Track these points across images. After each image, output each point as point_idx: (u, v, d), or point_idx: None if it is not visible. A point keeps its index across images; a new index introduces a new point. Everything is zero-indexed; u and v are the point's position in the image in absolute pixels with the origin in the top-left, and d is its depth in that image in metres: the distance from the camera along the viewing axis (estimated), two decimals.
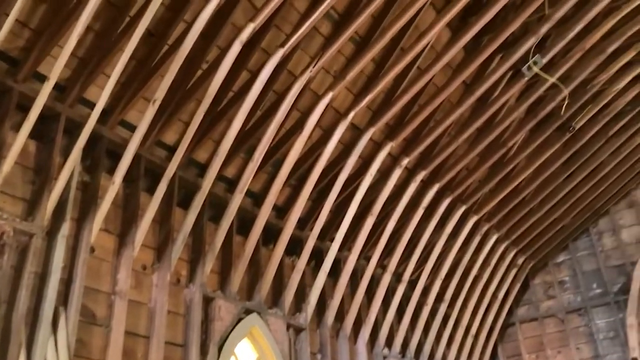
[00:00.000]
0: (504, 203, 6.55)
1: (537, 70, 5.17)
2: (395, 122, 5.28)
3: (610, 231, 7.42)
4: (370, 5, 4.04)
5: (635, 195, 7.39)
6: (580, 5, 5.03)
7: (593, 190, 7.02)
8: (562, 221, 7.22)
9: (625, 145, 6.68)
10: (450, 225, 6.12)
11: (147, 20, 3.21)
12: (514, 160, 6.14)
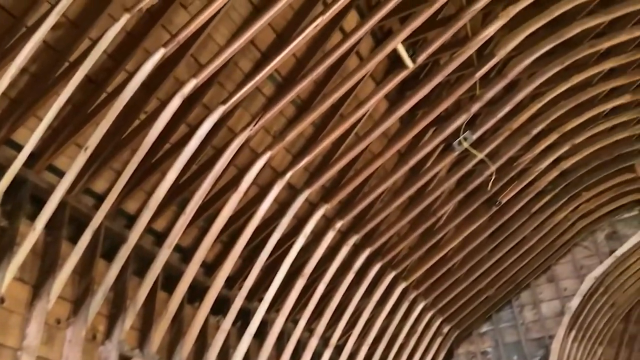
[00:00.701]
0: (431, 271, 6.67)
1: (466, 146, 5.42)
2: (331, 185, 5.35)
3: (531, 304, 7.68)
4: (313, 71, 4.15)
5: (555, 270, 7.72)
6: (509, 88, 5.38)
7: (516, 263, 7.30)
8: (486, 292, 7.41)
9: (547, 222, 7.03)
10: (379, 291, 6.15)
11: (87, 67, 3.17)
12: (443, 229, 6.32)
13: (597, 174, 6.72)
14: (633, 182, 6.99)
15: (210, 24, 3.64)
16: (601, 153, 6.48)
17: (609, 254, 7.41)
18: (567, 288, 7.53)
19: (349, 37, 4.15)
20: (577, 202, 6.99)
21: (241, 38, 3.60)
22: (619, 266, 7.50)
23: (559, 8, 4.63)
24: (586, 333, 7.71)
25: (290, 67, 4.46)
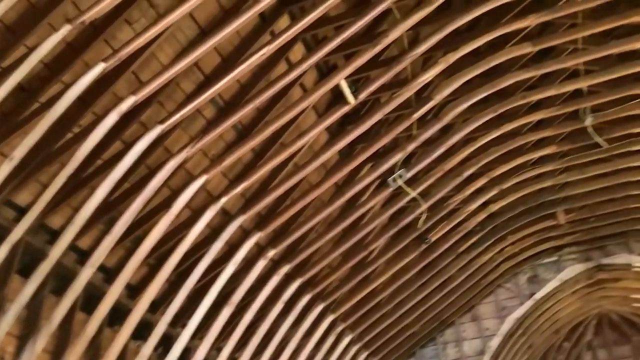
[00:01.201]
0: (360, 304, 6.71)
1: (401, 183, 5.55)
2: (266, 213, 5.33)
3: (454, 342, 7.85)
4: (256, 98, 4.17)
5: (478, 309, 7.94)
6: (444, 131, 5.58)
7: (442, 301, 7.47)
8: (412, 328, 7.53)
9: (473, 262, 7.26)
10: (307, 322, 6.12)
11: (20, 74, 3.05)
12: (373, 263, 6.39)
13: (522, 219, 7.02)
14: (554, 229, 7.34)
15: (154, 42, 3.60)
16: (527, 199, 6.78)
17: (529, 297, 7.71)
18: (488, 328, 7.75)
19: (295, 68, 4.20)
20: (502, 244, 7.26)
21: (185, 59, 3.58)
22: (538, 309, 7.81)
23: (494, 59, 4.88)
24: None
25: (233, 92, 4.46)
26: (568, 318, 8.37)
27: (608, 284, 7.92)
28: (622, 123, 5.86)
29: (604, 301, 8.26)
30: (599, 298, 8.21)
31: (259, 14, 3.70)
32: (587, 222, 7.30)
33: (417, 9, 4.25)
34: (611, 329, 8.99)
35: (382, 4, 4.00)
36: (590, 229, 7.40)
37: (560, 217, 7.18)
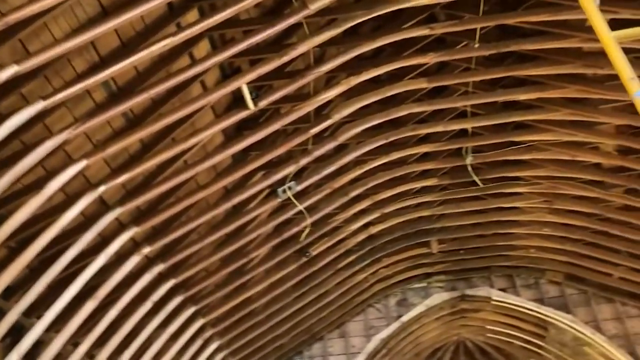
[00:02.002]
0: (233, 311, 6.64)
1: (290, 195, 5.60)
2: (147, 208, 5.13)
3: (320, 357, 7.97)
4: (152, 88, 4.03)
5: (347, 327, 8.14)
6: (338, 150, 5.72)
7: (314, 315, 7.58)
8: (282, 339, 7.56)
9: (348, 280, 7.46)
10: (175, 324, 5.95)
11: None
12: (252, 271, 6.37)
13: (398, 244, 7.34)
14: (427, 257, 7.75)
15: (49, 13, 3.37)
16: (405, 225, 7.11)
17: (397, 319, 8.03)
18: (355, 345, 7.97)
19: (197, 64, 4.12)
20: (377, 266, 7.54)
21: (81, 36, 3.38)
22: (403, 331, 8.16)
23: (392, 89, 5.09)
24: None
25: (128, 79, 4.26)
26: (429, 342, 8.82)
27: (468, 314, 8.46)
28: (499, 166, 6.33)
29: (463, 329, 8.81)
30: (459, 326, 8.74)
31: (167, 2, 3.58)
32: (457, 254, 7.77)
33: (327, 27, 4.34)
34: (466, 355, 9.59)
35: (293, 16, 4.04)
36: (459, 261, 7.88)
37: (434, 246, 7.59)
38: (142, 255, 5.10)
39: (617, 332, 7.46)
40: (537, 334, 8.14)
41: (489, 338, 8.83)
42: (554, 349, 8.07)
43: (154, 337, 5.80)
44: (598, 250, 7.06)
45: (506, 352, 9.12)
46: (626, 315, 7.54)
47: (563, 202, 6.56)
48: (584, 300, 7.75)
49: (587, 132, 5.51)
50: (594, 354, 7.52)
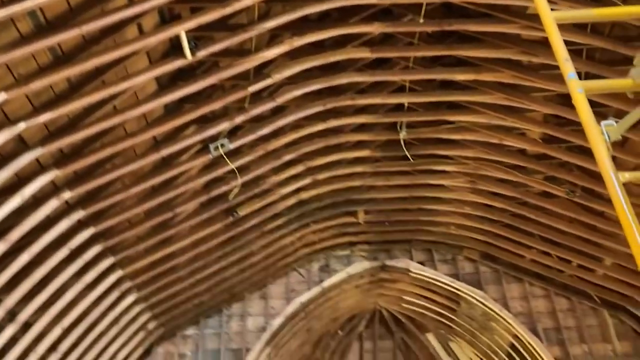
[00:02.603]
0: (154, 266, 6.53)
1: (222, 152, 5.51)
2: (71, 152, 4.90)
3: (239, 316, 8.00)
4: (84, 24, 3.81)
5: (269, 289, 8.19)
6: (275, 111, 5.66)
7: (237, 275, 7.58)
8: (202, 297, 7.52)
9: (275, 243, 7.48)
10: (92, 274, 5.79)
11: None
12: (177, 227, 6.26)
13: (327, 211, 7.41)
14: (353, 226, 7.88)
15: None
16: (335, 194, 7.17)
17: (318, 284, 8.16)
18: (274, 307, 8.05)
19: (135, 4, 3.92)
20: (304, 231, 7.59)
21: None
22: (323, 296, 8.31)
23: (335, 55, 5.07)
24: (279, 351, 8.31)
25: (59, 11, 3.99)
26: (347, 309, 9.05)
27: (387, 284, 8.72)
28: (430, 144, 6.49)
29: (380, 298, 9.08)
30: (376, 295, 9.00)
31: None
32: (381, 225, 7.95)
33: None
34: (380, 324, 9.93)
35: None
36: (382, 232, 8.07)
37: (360, 217, 7.72)
38: (61, 200, 4.90)
39: (522, 310, 7.93)
40: (449, 307, 8.51)
41: (404, 308, 9.15)
42: (464, 322, 8.48)
43: (69, 285, 5.62)
44: (514, 233, 7.42)
45: (418, 322, 9.50)
46: (532, 295, 8.02)
47: (486, 184, 6.82)
48: (495, 278, 8.16)
49: (516, 118, 5.72)
50: (500, 329, 7.97)
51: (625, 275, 7.16)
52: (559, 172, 6.29)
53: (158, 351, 7.71)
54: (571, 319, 7.83)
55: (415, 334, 9.83)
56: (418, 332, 9.76)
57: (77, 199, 5.21)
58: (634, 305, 7.52)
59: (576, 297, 7.91)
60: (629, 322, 7.69)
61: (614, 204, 1.62)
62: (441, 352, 9.79)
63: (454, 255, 8.32)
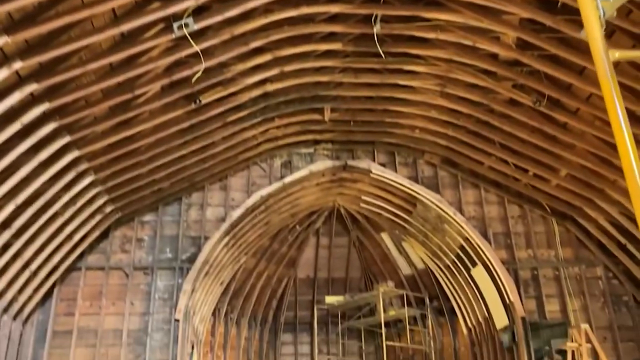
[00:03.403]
0: (113, 148, 6.37)
1: (186, 33, 5.22)
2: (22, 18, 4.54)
3: (198, 205, 8.02)
4: None
5: (229, 181, 8.18)
6: None
7: (198, 164, 7.50)
8: (161, 183, 7.46)
9: (237, 135, 7.37)
10: (47, 152, 5.60)
11: None
12: (137, 109, 6.05)
13: (292, 106, 7.27)
14: (318, 124, 7.79)
15: None
16: (302, 88, 7.00)
17: (280, 179, 8.18)
18: (234, 199, 8.07)
19: None
20: (268, 125, 7.48)
21: None
22: (284, 191, 8.36)
23: None
24: (237, 242, 8.45)
25: None
26: (306, 205, 9.17)
27: (347, 183, 8.82)
28: (403, 41, 6.30)
29: (339, 197, 9.22)
30: (336, 194, 9.12)
31: None
32: (347, 124, 7.89)
33: None
34: (338, 221, 10.16)
35: None
36: (347, 132, 8.03)
37: (326, 114, 7.62)
38: (12, 70, 4.61)
39: (475, 215, 8.20)
40: (405, 209, 8.73)
41: (362, 208, 9.34)
42: (418, 224, 8.75)
43: (22, 162, 5.45)
44: (476, 139, 7.49)
45: (374, 221, 9.75)
46: (486, 202, 8.27)
47: (455, 88, 6.76)
48: (453, 183, 8.34)
49: (493, 20, 5.57)
50: (452, 232, 8.26)
51: (577, 187, 7.40)
52: (529, 80, 6.26)
53: (115, 234, 7.73)
54: (521, 226, 8.16)
55: (370, 233, 10.13)
56: (373, 231, 10.06)
57: (29, 71, 4.91)
58: (581, 215, 7.86)
59: (528, 206, 8.20)
60: (574, 230, 8.07)
61: (601, 85, 1.56)
62: (394, 250, 10.17)
63: (415, 159, 8.42)
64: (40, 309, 7.25)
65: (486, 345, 8.34)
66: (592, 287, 7.87)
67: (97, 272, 7.52)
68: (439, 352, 9.51)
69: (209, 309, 8.64)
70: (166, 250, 7.73)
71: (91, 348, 7.12)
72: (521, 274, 7.84)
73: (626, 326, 7.65)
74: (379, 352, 10.28)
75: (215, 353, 8.97)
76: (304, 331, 10.55)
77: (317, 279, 10.68)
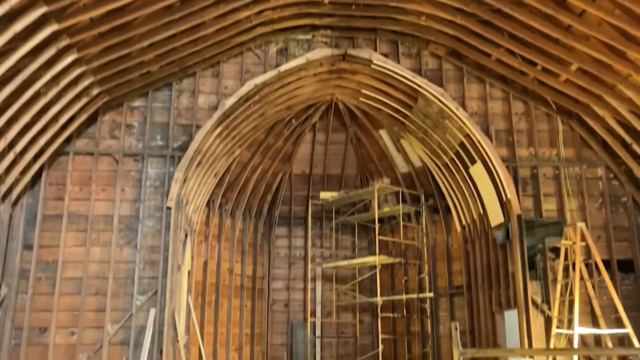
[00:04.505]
0: (99, 23, 5.94)
1: None
2: None
3: (190, 92, 7.68)
4: None
5: (222, 67, 7.78)
6: None
7: (189, 47, 7.07)
8: (150, 66, 7.07)
9: (229, 16, 6.87)
10: (23, 22, 5.19)
11: None
12: None
13: None
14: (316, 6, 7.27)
15: None
16: None
17: (275, 67, 7.77)
18: (227, 87, 7.72)
19: None
20: (263, 6, 6.97)
21: None
22: (280, 81, 7.99)
23: None
24: (231, 133, 8.19)
25: None
26: (303, 98, 8.81)
27: (346, 75, 8.40)
28: None
29: (338, 90, 8.83)
30: (334, 86, 8.73)
31: None
32: (347, 8, 7.37)
33: None
34: (335, 116, 9.86)
35: None
36: (347, 17, 7.53)
37: None
38: None
39: (478, 111, 7.89)
40: (406, 104, 8.39)
41: (361, 102, 9.00)
42: (418, 120, 8.45)
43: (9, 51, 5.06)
44: (485, 28, 7.03)
45: (373, 118, 9.46)
46: (490, 97, 7.93)
47: None
48: (457, 77, 7.96)
49: None
50: (452, 128, 7.99)
51: (587, 82, 7.05)
52: None
53: (104, 120, 7.46)
54: (524, 123, 7.88)
55: (368, 129, 9.85)
56: (371, 127, 9.78)
57: None
58: (588, 113, 7.56)
59: (533, 102, 7.88)
60: (578, 129, 7.80)
61: None
62: (391, 148, 9.94)
63: (419, 50, 7.97)
64: (30, 192, 7.13)
65: (479, 242, 8.34)
66: (592, 187, 7.73)
67: (86, 158, 7.32)
68: (432, 248, 9.57)
69: (202, 200, 8.56)
70: (157, 137, 7.49)
71: (82, 233, 7.08)
72: (520, 172, 7.67)
73: (622, 226, 7.60)
74: (372, 246, 10.37)
75: (209, 243, 9.00)
76: (298, 225, 10.59)
77: (313, 175, 10.56)
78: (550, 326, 7.02)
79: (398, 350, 9.81)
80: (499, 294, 7.77)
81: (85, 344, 6.77)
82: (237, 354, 9.20)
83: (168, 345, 6.78)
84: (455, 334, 4.68)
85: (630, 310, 7.00)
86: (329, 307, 10.34)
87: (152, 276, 6.99)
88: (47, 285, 6.89)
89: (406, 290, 9.71)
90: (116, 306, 6.90)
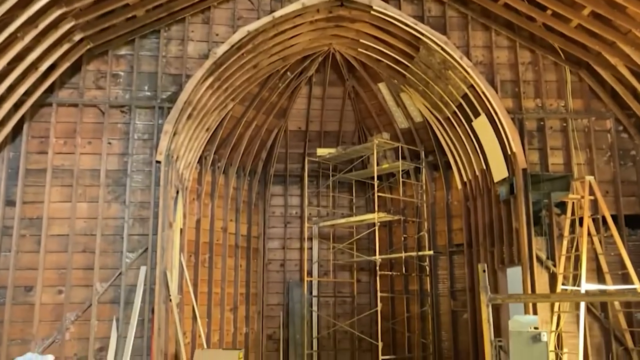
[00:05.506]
0: None
1: None
2: None
3: (179, 40, 7.26)
4: None
5: (213, 13, 7.35)
6: None
7: None
8: (135, 10, 6.63)
9: None
10: None
11: None
12: None
13: None
14: None
15: None
16: None
17: (269, 13, 7.34)
18: (218, 34, 7.29)
19: None
20: None
21: None
22: (274, 28, 7.55)
23: None
24: (223, 84, 7.79)
25: None
26: (299, 48, 8.38)
27: (344, 23, 7.97)
28: None
29: (335, 40, 8.41)
30: (331, 36, 8.30)
31: None
32: None
33: None
34: (332, 69, 9.44)
35: None
36: None
37: None
38: None
39: (483, 60, 7.51)
40: (407, 54, 7.99)
41: (360, 53, 8.58)
42: (419, 71, 8.06)
43: None
44: None
45: (372, 70, 9.05)
46: (496, 45, 7.54)
47: None
48: (462, 24, 7.55)
49: None
50: (455, 79, 7.61)
51: (599, 28, 6.66)
52: None
53: (89, 69, 7.04)
54: (531, 73, 7.52)
55: (367, 83, 9.45)
56: (370, 80, 9.38)
57: None
58: (598, 62, 7.20)
59: (541, 51, 7.50)
60: (587, 79, 7.45)
61: None
62: (391, 102, 9.56)
63: None
64: (11, 145, 6.76)
65: (481, 199, 8.07)
66: (600, 140, 7.42)
67: (69, 109, 6.94)
68: (431, 205, 9.31)
69: (194, 156, 8.21)
70: (144, 87, 7.09)
71: (67, 187, 6.75)
72: (526, 125, 7.35)
73: (630, 180, 7.32)
74: (369, 205, 10.10)
75: (202, 201, 8.69)
76: (294, 183, 10.28)
77: (309, 132, 10.20)
78: (555, 283, 6.80)
79: (396, 308, 9.65)
80: (501, 251, 7.54)
81: (74, 302, 6.52)
82: (232, 314, 9.01)
83: (160, 304, 6.54)
84: (483, 277, 4.44)
85: (637, 267, 6.78)
86: (325, 267, 10.13)
87: (142, 233, 6.70)
88: (32, 242, 6.59)
89: (405, 249, 9.48)
90: (105, 264, 6.62)
